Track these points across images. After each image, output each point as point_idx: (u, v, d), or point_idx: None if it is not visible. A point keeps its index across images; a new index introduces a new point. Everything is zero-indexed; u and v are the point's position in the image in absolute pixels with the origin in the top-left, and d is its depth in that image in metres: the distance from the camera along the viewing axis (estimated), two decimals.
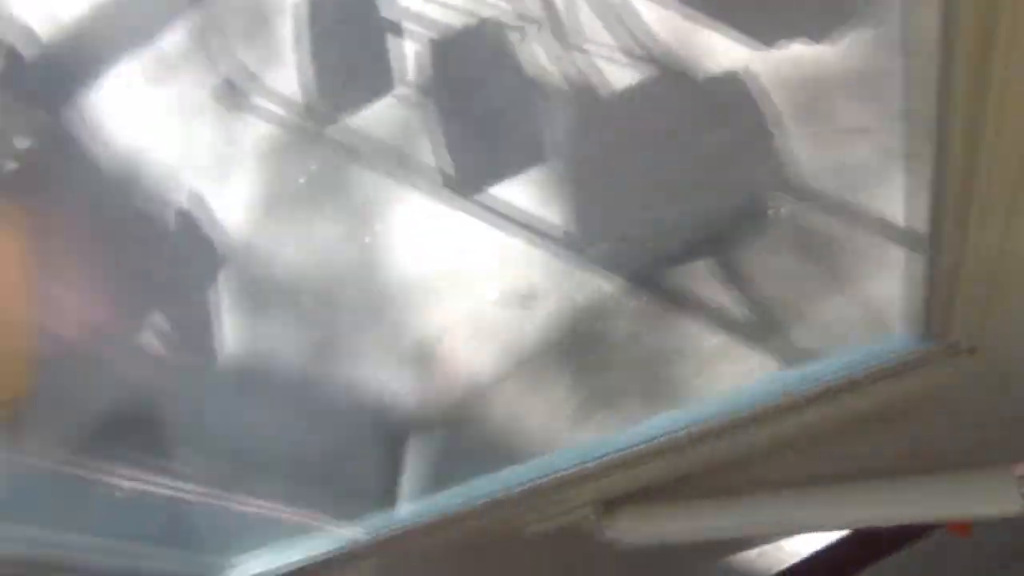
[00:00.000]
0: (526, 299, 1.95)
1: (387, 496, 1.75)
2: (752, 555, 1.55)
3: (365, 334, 2.05)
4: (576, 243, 1.95)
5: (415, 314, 2.03)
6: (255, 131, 2.40)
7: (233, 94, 2.47)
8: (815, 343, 1.72)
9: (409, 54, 2.33)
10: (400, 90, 2.28)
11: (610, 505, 0.91)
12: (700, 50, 2.04)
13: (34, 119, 2.71)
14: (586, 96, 2.10)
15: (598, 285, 1.89)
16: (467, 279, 2.02)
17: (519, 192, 2.06)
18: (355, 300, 2.11)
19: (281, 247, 2.26)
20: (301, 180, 2.29)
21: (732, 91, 1.97)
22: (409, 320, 2.03)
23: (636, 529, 0.91)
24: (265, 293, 2.24)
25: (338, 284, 2.14)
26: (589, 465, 0.90)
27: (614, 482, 0.91)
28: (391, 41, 2.37)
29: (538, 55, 2.18)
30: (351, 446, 1.98)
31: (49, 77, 2.73)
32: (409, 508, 0.97)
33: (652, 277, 1.85)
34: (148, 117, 2.56)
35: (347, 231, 2.18)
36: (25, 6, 2.74)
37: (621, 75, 2.07)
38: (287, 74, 2.44)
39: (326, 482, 1.88)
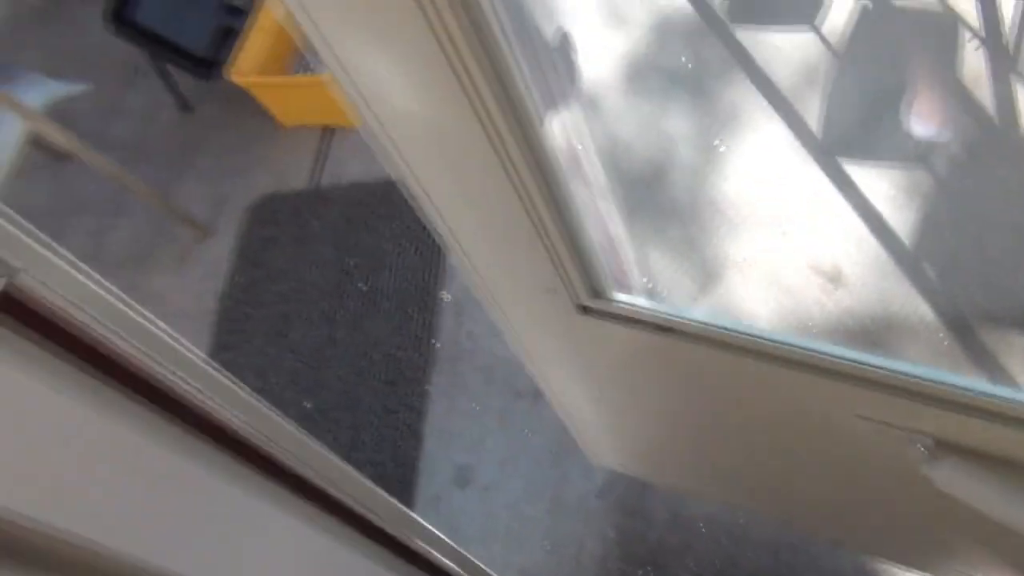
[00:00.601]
0: (832, 278, 1.95)
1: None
2: None
3: (665, 223, 2.13)
4: (912, 258, 1.92)
5: (722, 229, 2.07)
6: None
7: None
8: None
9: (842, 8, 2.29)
10: (823, 30, 2.26)
11: (943, 446, 0.95)
12: None
13: None
14: (1005, 129, 2.01)
15: (913, 305, 1.87)
16: (787, 229, 2.03)
17: (879, 180, 2.03)
18: (674, 188, 2.17)
19: (630, 108, 2.34)
20: (683, 59, 2.34)
21: None
22: (713, 231, 2.08)
23: (958, 481, 0.95)
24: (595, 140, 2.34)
25: (665, 166, 2.21)
26: (941, 390, 0.93)
27: (957, 425, 0.95)
28: None
29: (978, 64, 2.10)
30: None
31: None
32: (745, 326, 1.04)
33: (970, 328, 1.81)
34: None
35: (701, 125, 2.23)
36: None
37: None
38: None
39: None
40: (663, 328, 1.10)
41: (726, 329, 1.04)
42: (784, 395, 1.12)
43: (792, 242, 2.02)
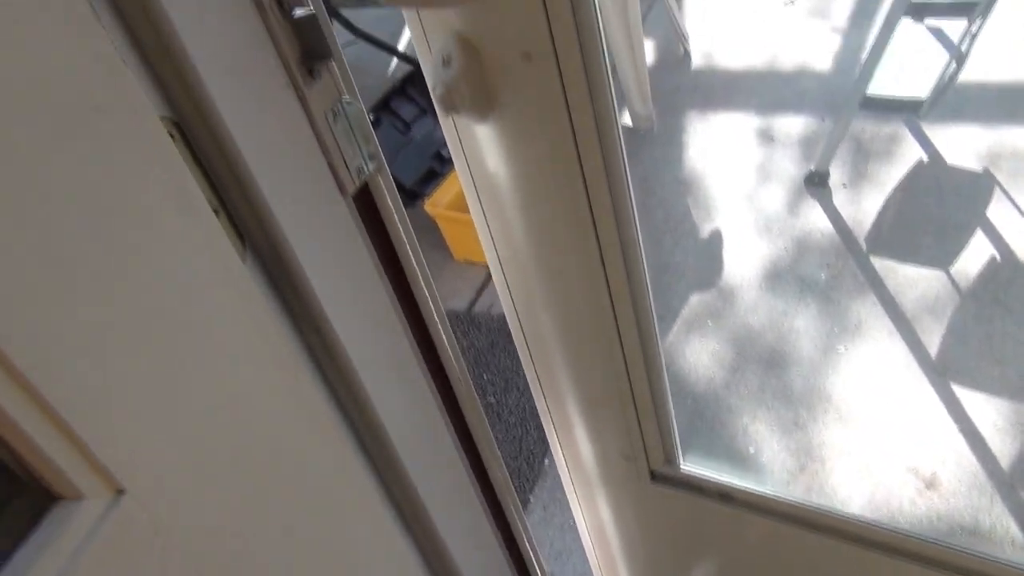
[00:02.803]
0: (929, 483, 2.06)
1: None
2: None
3: (777, 402, 2.31)
4: (1009, 484, 2.02)
5: (830, 419, 2.24)
6: (817, 211, 2.78)
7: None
8: None
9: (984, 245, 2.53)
10: (952, 271, 2.50)
11: None
12: None
13: None
14: None
15: (1004, 525, 1.95)
16: (893, 433, 2.18)
17: (988, 409, 2.17)
18: (791, 375, 2.37)
19: (763, 303, 2.60)
20: (823, 275, 2.61)
21: None
22: (821, 419, 2.25)
23: None
24: (723, 330, 2.60)
25: (787, 355, 2.42)
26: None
27: None
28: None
29: None
30: None
31: None
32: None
33: None
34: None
35: (827, 329, 2.46)
36: None
37: None
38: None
39: None
40: (724, 496, 1.24)
41: (782, 499, 1.17)
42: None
43: (896, 446, 2.16)
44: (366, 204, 0.84)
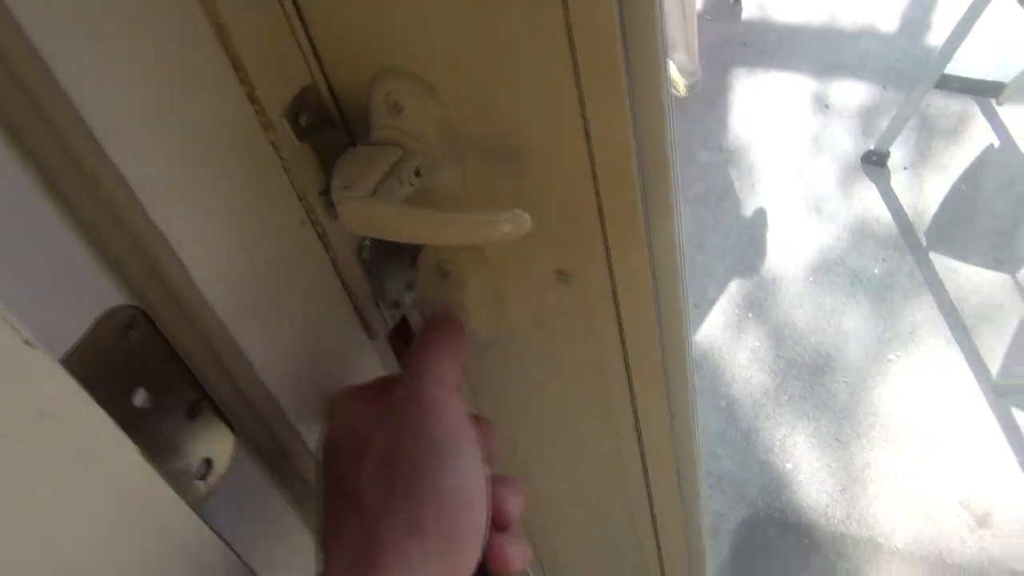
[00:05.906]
0: (981, 520, 1.90)
1: None
2: None
3: (820, 414, 2.14)
4: None
5: (876, 438, 2.07)
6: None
7: None
8: None
9: None
10: (1019, 276, 2.29)
11: None
12: None
13: None
14: None
15: None
16: (944, 459, 2.01)
17: None
18: (836, 384, 2.19)
19: (810, 298, 2.40)
20: (876, 269, 2.40)
21: None
22: (866, 437, 2.08)
23: None
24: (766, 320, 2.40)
25: (832, 361, 2.24)
26: None
27: None
28: None
29: None
30: None
31: None
32: None
33: None
34: None
35: (878, 334, 2.26)
36: None
37: None
38: None
39: None
40: None
41: None
42: None
43: (947, 473, 1.99)
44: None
